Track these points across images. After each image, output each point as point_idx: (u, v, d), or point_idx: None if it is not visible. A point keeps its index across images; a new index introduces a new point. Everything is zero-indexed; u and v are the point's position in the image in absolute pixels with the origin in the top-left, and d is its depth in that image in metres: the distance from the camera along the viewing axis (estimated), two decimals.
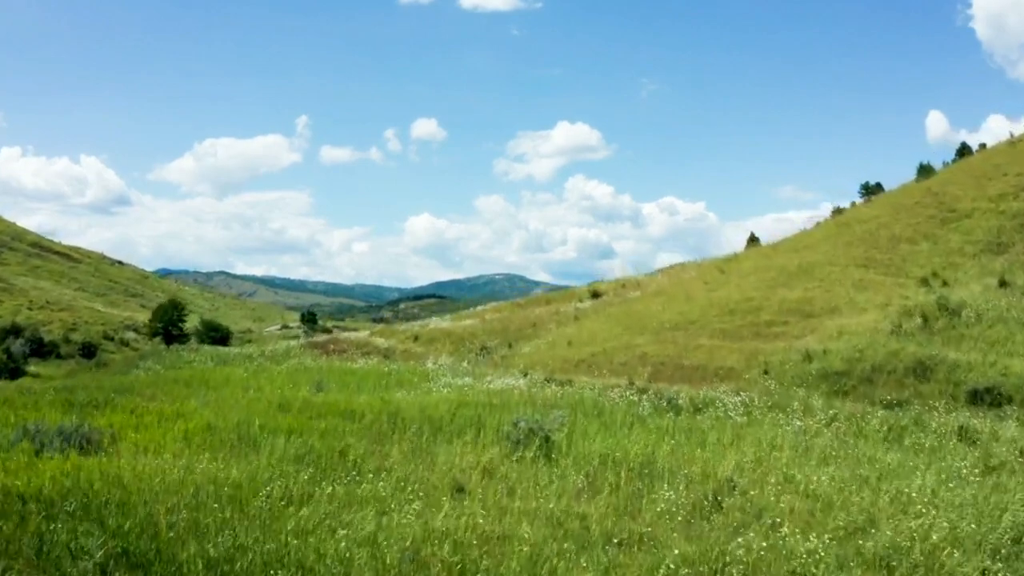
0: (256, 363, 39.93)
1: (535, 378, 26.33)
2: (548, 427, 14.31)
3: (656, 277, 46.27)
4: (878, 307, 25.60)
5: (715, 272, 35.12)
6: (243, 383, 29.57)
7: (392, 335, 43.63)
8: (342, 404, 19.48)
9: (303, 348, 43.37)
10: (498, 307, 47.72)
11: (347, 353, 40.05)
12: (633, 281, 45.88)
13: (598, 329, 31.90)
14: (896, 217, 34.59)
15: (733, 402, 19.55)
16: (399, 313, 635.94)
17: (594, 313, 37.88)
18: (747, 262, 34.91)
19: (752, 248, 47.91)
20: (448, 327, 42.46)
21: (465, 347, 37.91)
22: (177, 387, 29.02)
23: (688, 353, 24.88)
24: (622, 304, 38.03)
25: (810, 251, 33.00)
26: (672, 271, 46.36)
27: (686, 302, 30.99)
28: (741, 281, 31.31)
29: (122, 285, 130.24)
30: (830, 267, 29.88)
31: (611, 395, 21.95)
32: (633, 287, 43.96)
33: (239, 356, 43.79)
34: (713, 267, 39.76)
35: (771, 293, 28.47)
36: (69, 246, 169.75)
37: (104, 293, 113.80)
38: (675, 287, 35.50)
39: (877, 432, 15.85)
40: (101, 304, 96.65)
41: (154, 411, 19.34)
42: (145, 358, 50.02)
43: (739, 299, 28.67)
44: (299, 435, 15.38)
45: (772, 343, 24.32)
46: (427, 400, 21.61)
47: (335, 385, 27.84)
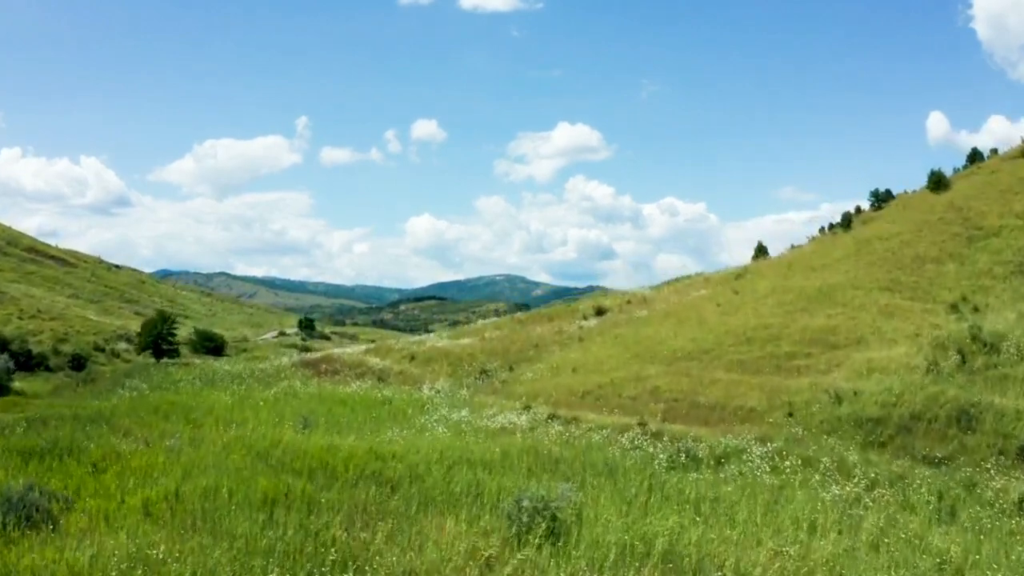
0: (244, 385, 38.07)
1: (538, 414, 24.47)
2: (555, 504, 12.44)
3: (663, 292, 44.38)
4: (908, 338, 23.73)
5: (728, 293, 33.23)
6: (226, 415, 27.72)
7: (388, 354, 41.75)
8: (326, 457, 17.59)
9: (295, 367, 41.51)
10: (498, 323, 45.82)
11: (340, 375, 38.19)
12: (639, 296, 43.99)
13: (604, 355, 30.02)
14: (919, 235, 32.71)
15: (759, 453, 17.69)
16: (399, 315, 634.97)
17: (599, 335, 35.98)
18: (762, 282, 33.03)
19: (763, 261, 46.02)
20: (446, 346, 40.57)
21: (464, 369, 36.03)
22: (156, 419, 27.19)
23: (704, 388, 23.00)
24: (629, 324, 36.14)
25: (830, 271, 31.11)
26: (680, 287, 44.46)
27: (699, 327, 29.10)
28: (757, 305, 29.43)
29: (117, 291, 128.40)
30: (853, 291, 27.99)
31: (622, 440, 20.09)
32: (639, 304, 42.07)
33: (227, 376, 41.91)
34: (725, 286, 37.87)
35: (791, 320, 26.59)
36: (66, 250, 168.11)
37: (98, 300, 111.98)
38: (686, 309, 33.60)
39: (927, 503, 13.99)
40: (94, 312, 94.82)
41: (119, 466, 17.47)
42: (132, 375, 48.18)
43: (756, 326, 26.79)
44: (273, 506, 13.59)
45: (795, 379, 22.43)
46: (420, 445, 19.74)
47: (323, 419, 26.01)
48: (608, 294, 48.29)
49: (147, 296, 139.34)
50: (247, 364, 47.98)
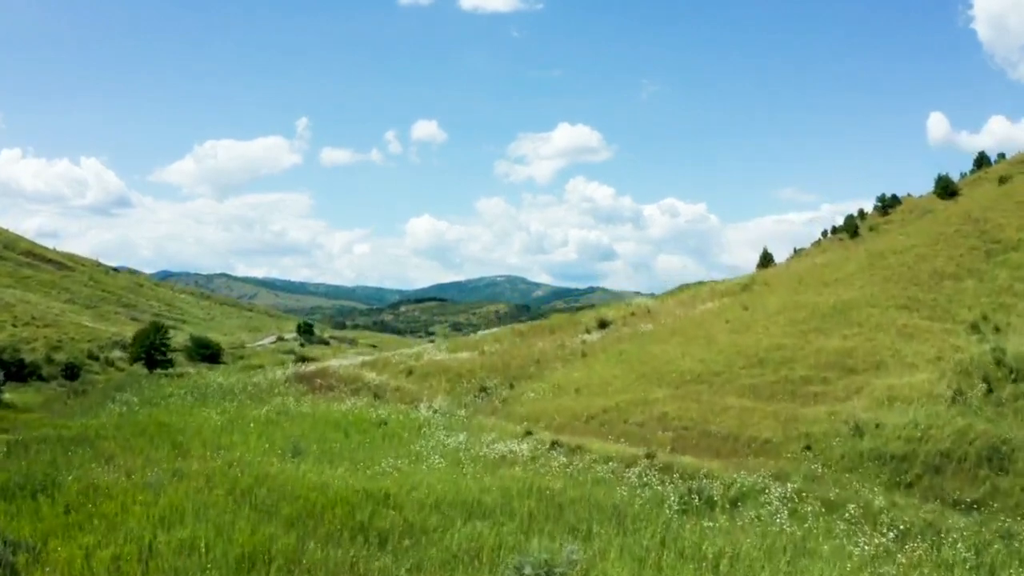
0: (236, 402, 36.93)
1: (540, 440, 23.30)
2: (559, 571, 11.28)
3: (668, 304, 43.20)
4: (929, 362, 22.56)
5: (737, 308, 32.05)
6: (214, 438, 26.59)
7: (384, 368, 40.57)
8: (313, 497, 16.44)
9: (288, 382, 40.33)
10: (497, 335, 44.65)
11: (335, 391, 37.02)
12: (643, 308, 42.82)
13: (609, 375, 28.84)
14: (935, 248, 31.54)
15: (777, 495, 16.52)
16: (400, 316, 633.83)
17: (602, 351, 34.80)
18: (772, 297, 31.85)
19: (771, 271, 44.88)
20: (444, 360, 39.38)
21: (462, 386, 34.84)
22: (142, 442, 26.08)
23: (715, 416, 21.82)
24: (633, 340, 34.96)
25: (844, 287, 29.93)
26: (685, 298, 43.29)
27: (707, 346, 27.93)
28: (768, 323, 28.25)
29: (115, 295, 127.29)
30: (869, 309, 26.81)
31: (630, 476, 18.92)
32: (643, 316, 40.89)
33: (219, 390, 40.75)
34: (733, 298, 36.73)
35: (805, 341, 25.42)
36: (63, 253, 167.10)
37: (94, 304, 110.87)
38: (693, 325, 32.41)
39: (963, 561, 12.83)
40: (89, 317, 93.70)
41: (94, 506, 16.38)
42: (123, 388, 47.05)
43: (768, 346, 25.62)
44: (252, 565, 12.56)
45: (812, 407, 21.26)
46: (415, 480, 18.58)
47: (315, 445, 24.86)
48: (611, 304, 47.14)
49: (144, 300, 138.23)
50: (241, 377, 46.80)
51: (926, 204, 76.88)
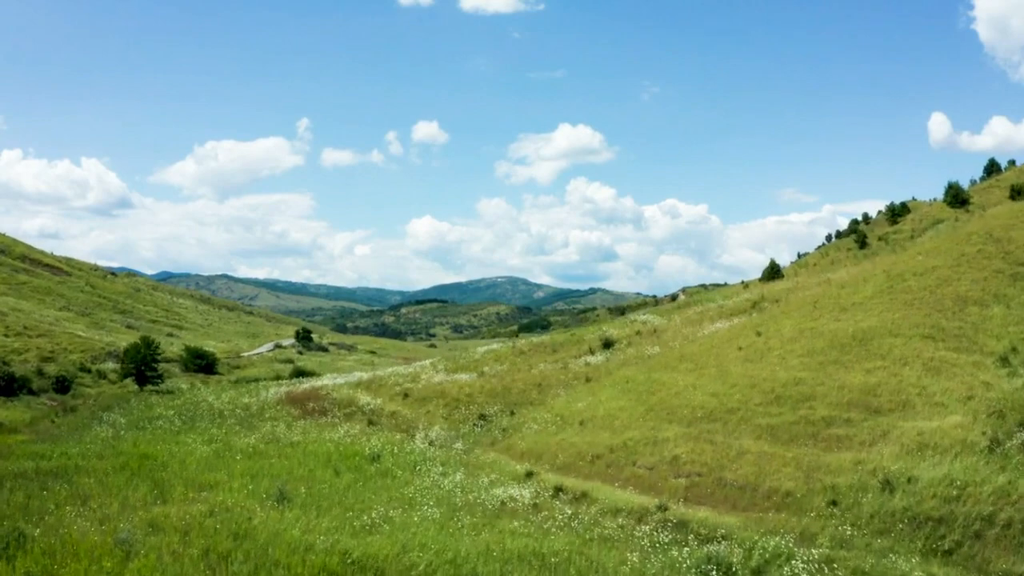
0: (225, 427, 35.43)
1: (542, 484, 21.77)
2: None
3: (674, 322, 41.65)
4: (959, 402, 21.01)
5: (750, 334, 30.49)
6: (197, 476, 25.10)
7: (380, 389, 39.03)
8: (294, 563, 14.95)
9: (280, 404, 38.79)
10: (498, 354, 43.11)
11: (328, 415, 35.49)
12: (649, 327, 41.28)
13: (615, 407, 27.30)
14: (957, 270, 29.99)
15: (802, 563, 14.97)
16: (400, 318, 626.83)
17: (607, 375, 33.29)
18: (786, 321, 30.28)
19: (780, 287, 43.32)
20: (442, 383, 37.85)
21: (461, 412, 33.32)
22: (121, 479, 24.65)
23: (730, 462, 20.28)
24: (639, 364, 33.44)
25: (862, 312, 28.38)
26: (693, 316, 41.74)
27: (720, 378, 26.38)
28: (784, 351, 26.71)
29: (111, 301, 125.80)
30: (891, 339, 25.26)
31: (640, 535, 17.37)
32: (649, 336, 39.37)
33: (209, 412, 39.23)
34: (743, 317, 35.20)
35: (824, 374, 23.87)
36: (61, 257, 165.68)
37: (90, 311, 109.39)
38: (703, 351, 30.86)
39: None
40: (83, 326, 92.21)
41: None
42: (111, 408, 45.54)
43: (786, 381, 24.07)
44: None
45: (835, 453, 19.72)
46: (406, 541, 17.03)
47: (303, 487, 23.31)
48: (615, 324, 45.56)
49: (141, 307, 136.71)
50: (232, 395, 45.31)
51: (936, 213, 75.29)
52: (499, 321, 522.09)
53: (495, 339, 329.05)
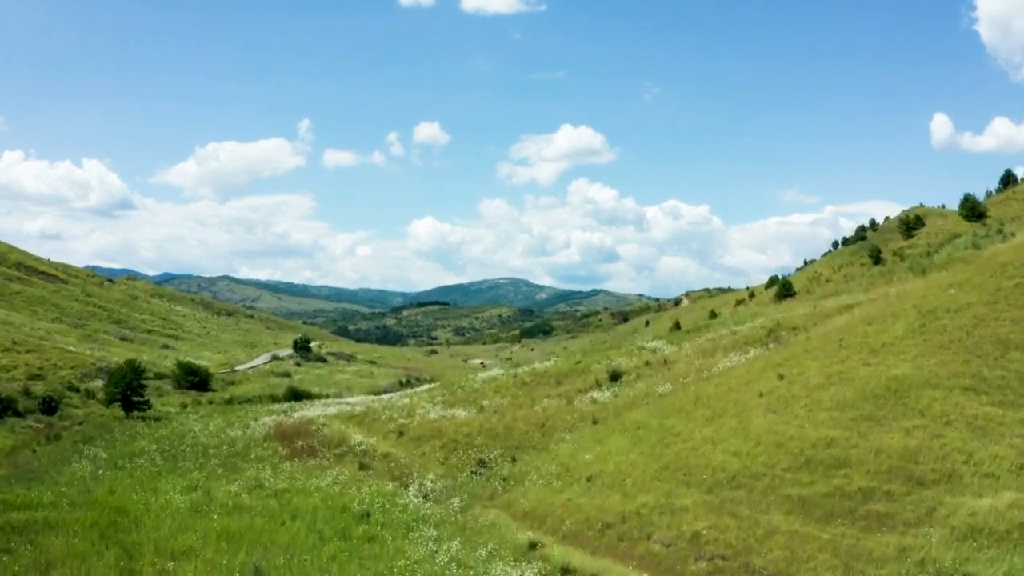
0: (208, 467, 33.26)
1: (547, 565, 19.52)
2: None
3: (685, 351, 39.40)
4: (1012, 472, 18.77)
5: (771, 376, 28.17)
6: (170, 539, 22.93)
7: (373, 425, 36.81)
8: None
9: (268, 440, 36.58)
10: (499, 384, 40.83)
11: (317, 456, 33.29)
12: (659, 358, 39.03)
13: (625, 460, 25.04)
14: (995, 308, 27.68)
15: None
16: (402, 320, 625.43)
17: (615, 416, 31.05)
18: (811, 363, 27.98)
19: (797, 314, 41.06)
20: (439, 421, 35.60)
21: (459, 456, 31.08)
22: (88, 542, 22.50)
23: (758, 543, 18.04)
24: (649, 405, 31.19)
25: (894, 355, 26.09)
26: (705, 344, 39.48)
27: (741, 431, 24.10)
28: (811, 402, 24.42)
29: (107, 310, 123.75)
30: (930, 391, 22.99)
31: None
32: (659, 369, 37.14)
33: (193, 448, 37.03)
34: (760, 348, 32.98)
35: (858, 433, 21.60)
36: (57, 263, 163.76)
37: (84, 322, 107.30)
38: (719, 394, 28.56)
39: None
40: (75, 339, 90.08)
41: None
42: (94, 439, 43.41)
43: (816, 439, 21.81)
44: None
45: (876, 535, 17.46)
46: None
47: (282, 558, 21.14)
48: (622, 351, 43.31)
49: (138, 315, 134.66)
50: (220, 425, 43.17)
51: (952, 226, 73.02)
52: (501, 323, 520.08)
53: (497, 343, 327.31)
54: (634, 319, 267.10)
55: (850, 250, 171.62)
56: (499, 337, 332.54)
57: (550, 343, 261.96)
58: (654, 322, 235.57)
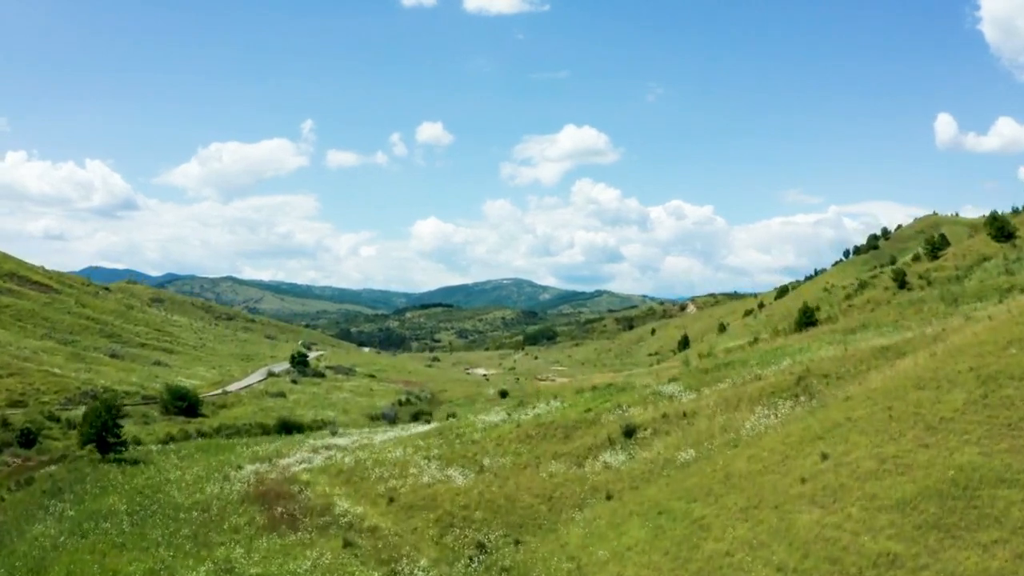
0: (178, 539, 29.91)
1: None
2: None
3: (706, 400, 35.88)
4: None
5: (813, 453, 24.55)
6: None
7: (361, 485, 33.34)
8: None
9: (247, 503, 33.16)
10: (500, 436, 37.27)
11: (299, 528, 29.86)
12: (677, 409, 35.54)
13: (647, 564, 21.49)
14: None
15: None
16: (405, 323, 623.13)
17: (631, 491, 27.58)
18: (858, 440, 24.38)
19: (828, 356, 37.57)
20: (434, 486, 32.08)
21: (455, 535, 27.63)
22: None
23: None
24: (670, 479, 27.68)
25: (955, 436, 22.52)
26: (728, 392, 35.95)
27: (784, 535, 20.55)
28: (864, 496, 20.86)
29: (99, 322, 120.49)
30: (1005, 489, 19.46)
31: None
32: (677, 423, 33.65)
33: (166, 508, 33.65)
34: (798, 416, 29.48)
35: (925, 548, 18.08)
36: (52, 272, 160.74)
37: (75, 337, 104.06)
38: (754, 473, 24.96)
39: None
40: (63, 358, 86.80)
41: None
42: (62, 492, 40.05)
43: (875, 555, 18.28)
44: None
45: None
46: None
47: None
48: (633, 394, 39.84)
49: (132, 327, 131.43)
50: (198, 475, 39.83)
51: (981, 247, 69.30)
52: (504, 326, 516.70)
53: (500, 349, 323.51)
54: (639, 326, 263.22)
55: (862, 259, 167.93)
56: (502, 343, 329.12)
57: (554, 351, 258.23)
58: (660, 331, 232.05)
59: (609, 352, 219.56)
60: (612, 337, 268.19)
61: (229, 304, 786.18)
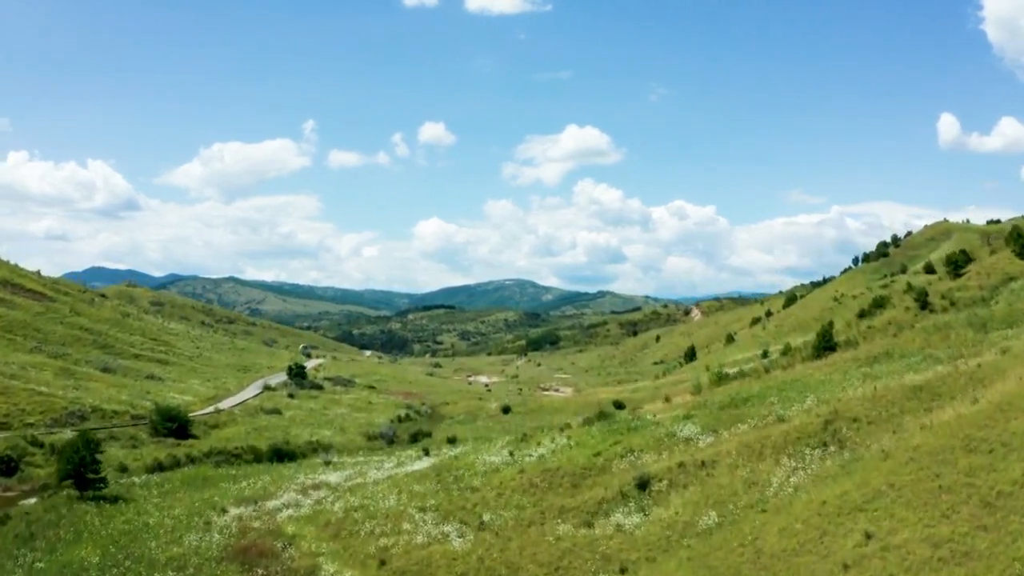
0: None
1: None
2: None
3: (725, 445, 33.17)
4: None
5: (855, 531, 21.80)
6: None
7: (351, 543, 30.64)
8: None
9: (224, 563, 30.50)
10: (502, 484, 34.42)
11: None
12: (694, 457, 32.81)
13: None
14: None
15: None
16: (407, 324, 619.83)
17: (648, 562, 24.82)
18: (906, 516, 21.61)
19: (858, 404, 34.88)
20: (429, 545, 29.34)
21: None
22: None
23: None
24: (693, 553, 24.93)
25: (1017, 516, 19.75)
26: (748, 437, 33.22)
27: None
28: None
29: (92, 333, 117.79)
30: None
31: None
32: (696, 477, 30.93)
33: (138, 568, 31.00)
34: (835, 484, 26.74)
35: None
36: (47, 278, 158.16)
37: (65, 351, 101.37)
38: (788, 552, 22.21)
39: None
40: (52, 373, 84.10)
41: None
42: (34, 538, 37.41)
43: None
44: None
45: None
46: None
47: None
48: (649, 435, 37.07)
49: (127, 336, 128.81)
50: (180, 518, 37.27)
51: (1005, 266, 66.36)
52: (507, 328, 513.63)
53: (502, 354, 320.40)
54: (643, 332, 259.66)
55: (872, 267, 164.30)
56: (504, 347, 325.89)
57: (557, 357, 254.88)
58: (665, 338, 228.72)
59: (613, 359, 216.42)
60: (616, 343, 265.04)
61: (231, 305, 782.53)
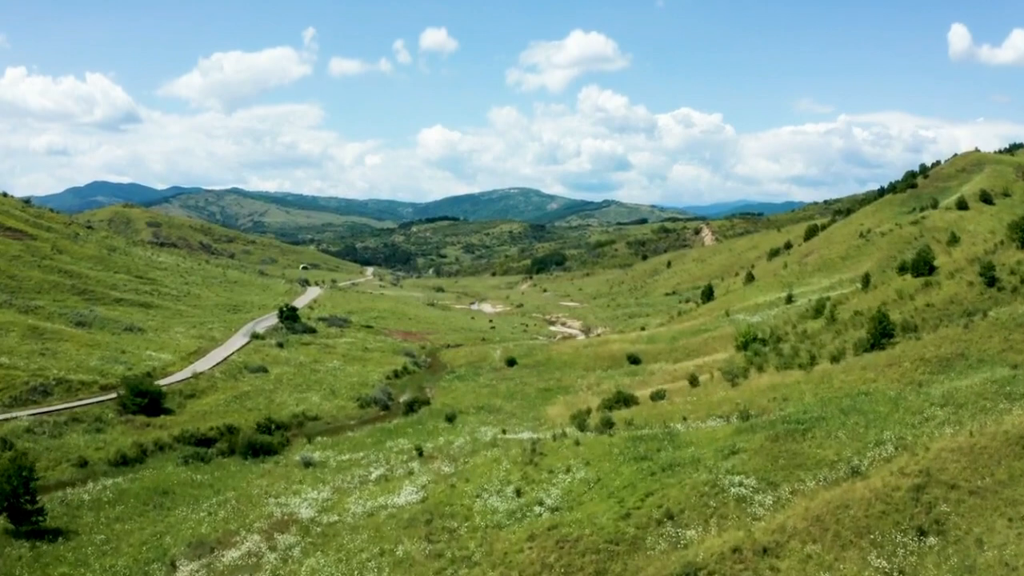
0: None
1: None
2: None
3: (792, 523, 26.10)
4: None
5: None
6: None
7: None
8: None
9: None
10: (507, 562, 27.78)
11: None
12: (752, 542, 25.72)
13: None
14: None
15: None
16: (411, 237, 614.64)
17: None
18: None
19: (961, 448, 27.71)
20: None
21: None
22: None
23: None
24: None
25: None
26: (811, 493, 26.12)
27: None
28: None
29: (72, 276, 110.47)
30: None
31: None
32: (757, 570, 23.96)
33: None
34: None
35: None
36: (32, 211, 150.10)
37: (38, 303, 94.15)
38: None
39: None
40: (19, 336, 77.09)
41: None
42: None
43: None
44: None
45: None
46: None
47: None
48: (688, 483, 30.04)
49: (111, 275, 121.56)
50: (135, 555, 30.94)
51: None
52: (511, 240, 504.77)
53: (506, 274, 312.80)
54: (653, 256, 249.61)
55: (899, 199, 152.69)
56: (509, 267, 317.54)
57: (563, 281, 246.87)
58: (676, 263, 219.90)
59: (622, 285, 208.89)
60: (624, 266, 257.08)
61: (234, 218, 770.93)
